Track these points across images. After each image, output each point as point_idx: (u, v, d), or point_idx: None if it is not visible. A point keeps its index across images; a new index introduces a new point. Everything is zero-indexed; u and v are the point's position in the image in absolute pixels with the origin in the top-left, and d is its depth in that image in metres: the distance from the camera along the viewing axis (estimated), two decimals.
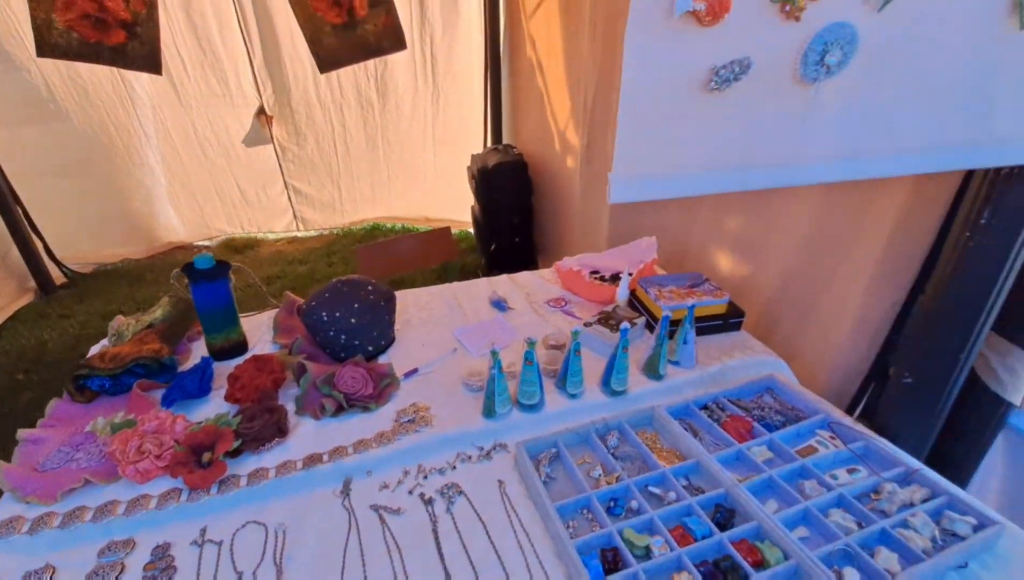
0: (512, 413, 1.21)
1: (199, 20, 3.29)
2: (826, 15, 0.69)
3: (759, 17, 0.66)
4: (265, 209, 4.15)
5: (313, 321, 1.30)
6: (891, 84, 0.78)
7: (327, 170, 4.06)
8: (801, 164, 0.80)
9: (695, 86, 0.69)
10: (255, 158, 3.87)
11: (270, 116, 3.72)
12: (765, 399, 1.30)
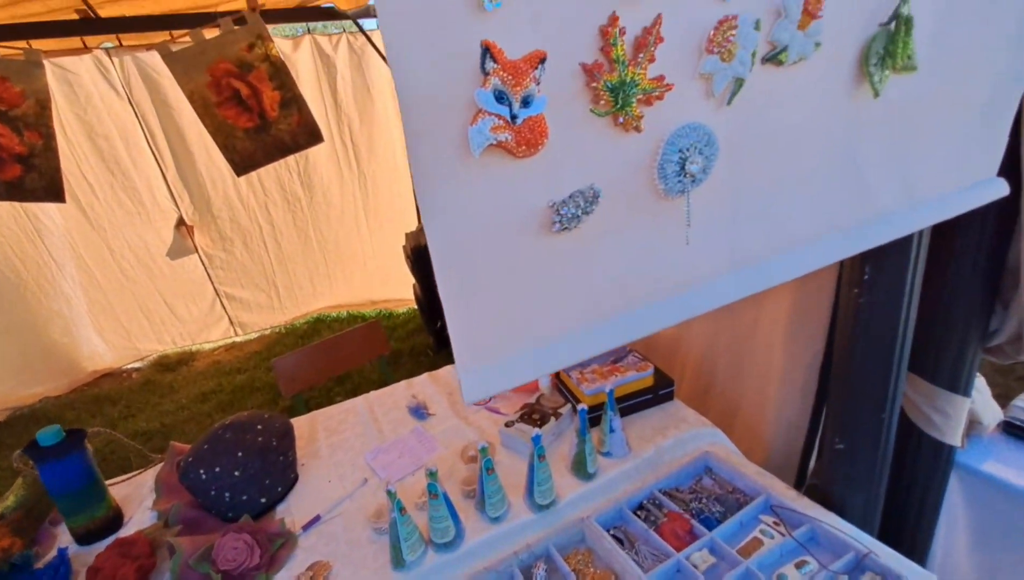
0: (426, 556, 1.07)
1: (104, 144, 3.25)
2: (671, 120, 0.60)
3: (591, 136, 0.56)
4: (198, 320, 3.97)
5: (191, 481, 1.14)
6: (767, 179, 0.72)
7: (260, 271, 3.95)
8: (694, 289, 0.71)
9: (535, 231, 0.57)
10: (180, 271, 3.73)
11: (191, 226, 3.62)
12: (704, 483, 1.20)
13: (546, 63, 0.50)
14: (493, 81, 0.48)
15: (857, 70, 0.72)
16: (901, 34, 0.70)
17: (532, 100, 0.50)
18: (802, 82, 0.68)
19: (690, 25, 0.57)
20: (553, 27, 0.50)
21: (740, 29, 0.59)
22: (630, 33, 0.53)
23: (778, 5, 0.61)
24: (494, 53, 0.47)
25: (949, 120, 0.83)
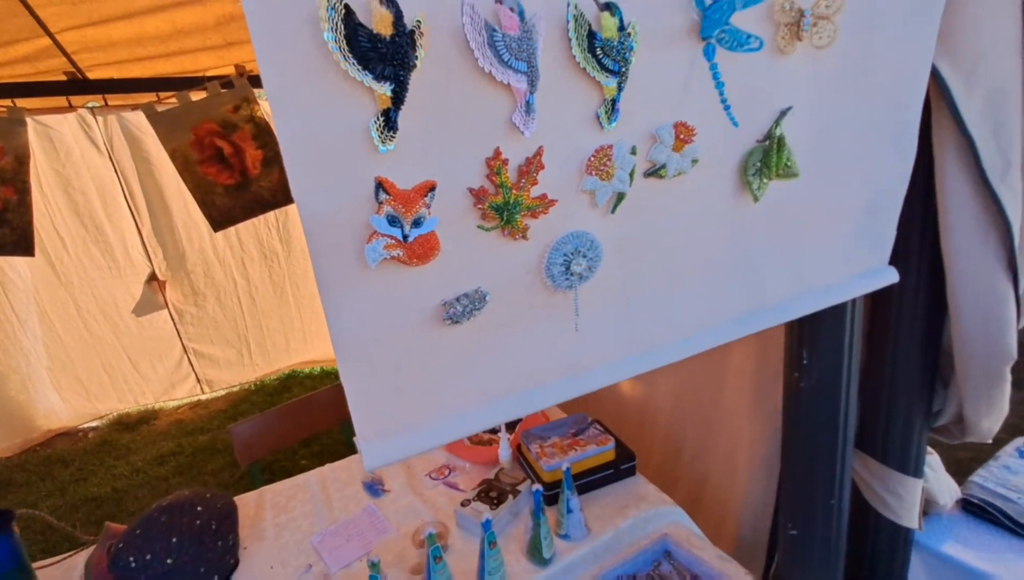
0: None
1: (80, 198, 3.36)
2: (558, 229, 0.69)
3: (481, 246, 0.65)
4: (163, 378, 3.94)
5: (120, 570, 1.14)
6: (658, 273, 0.80)
7: (232, 326, 3.98)
8: (586, 370, 0.78)
9: (429, 323, 0.65)
10: (148, 327, 3.75)
11: (162, 281, 3.68)
12: (663, 568, 1.22)
13: (436, 189, 0.60)
14: (386, 209, 0.57)
15: (737, 179, 0.83)
16: (774, 150, 0.83)
17: (423, 221, 0.59)
18: (684, 191, 0.79)
19: (571, 151, 0.68)
20: (442, 160, 0.60)
21: (616, 154, 0.70)
22: (514, 161, 0.64)
23: (652, 133, 0.73)
24: (386, 187, 0.57)
25: (835, 217, 0.94)
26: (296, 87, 0.52)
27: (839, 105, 0.88)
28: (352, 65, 0.52)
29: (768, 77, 0.81)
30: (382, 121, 0.55)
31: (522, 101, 0.61)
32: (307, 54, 0.51)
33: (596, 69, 0.65)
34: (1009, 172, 0.95)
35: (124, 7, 2.74)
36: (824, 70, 0.84)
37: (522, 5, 0.59)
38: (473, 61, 0.57)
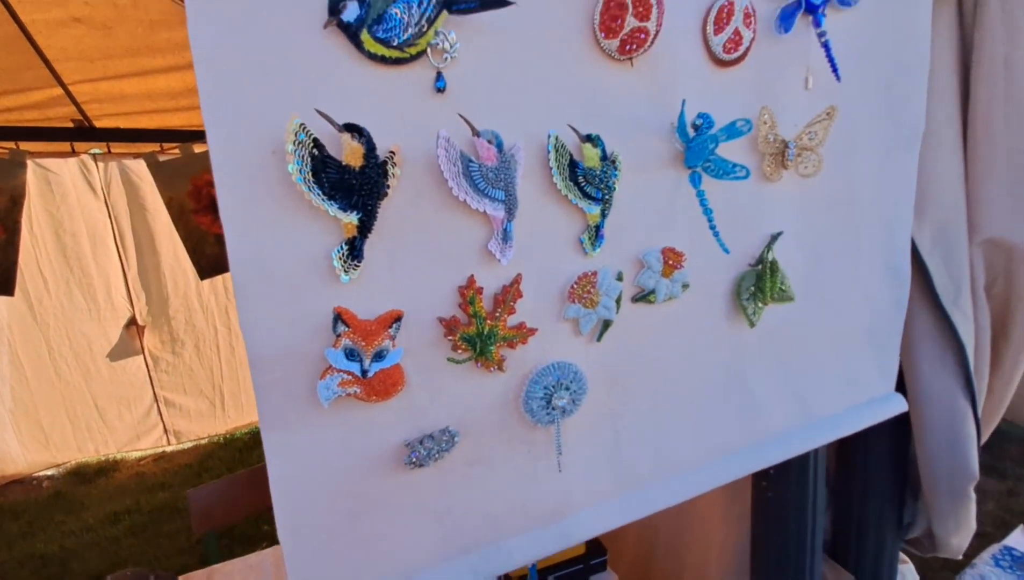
0: None
1: (70, 240, 3.32)
2: (538, 359, 0.65)
3: (451, 378, 0.60)
4: (128, 427, 3.75)
5: None
6: (650, 403, 0.75)
7: (207, 375, 3.84)
8: (572, 517, 0.71)
9: (386, 468, 0.58)
10: (120, 373, 3.61)
11: (142, 326, 3.59)
12: None
13: (402, 320, 0.56)
14: (344, 342, 0.53)
15: (731, 303, 0.80)
16: (768, 274, 0.80)
17: (386, 354, 0.55)
18: (676, 316, 0.75)
19: (552, 278, 0.65)
20: (411, 288, 0.57)
21: (601, 281, 0.67)
22: (489, 290, 0.60)
23: (640, 259, 0.70)
24: (345, 318, 0.53)
25: (835, 342, 0.91)
26: (254, 210, 0.49)
27: (830, 229, 0.86)
28: (317, 195, 0.49)
29: (757, 202, 0.80)
30: (346, 250, 0.52)
31: (499, 228, 0.58)
32: (269, 180, 0.48)
33: (578, 196, 0.63)
34: (960, 297, 0.96)
35: (139, 65, 2.82)
36: (812, 196, 0.83)
37: (500, 137, 0.57)
38: (448, 189, 0.55)
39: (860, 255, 0.89)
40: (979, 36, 0.92)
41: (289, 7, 0.48)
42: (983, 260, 1.00)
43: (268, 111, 0.48)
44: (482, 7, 0.54)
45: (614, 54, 0.64)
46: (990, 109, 0.92)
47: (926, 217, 0.96)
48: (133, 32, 2.69)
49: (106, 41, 2.70)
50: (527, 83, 0.60)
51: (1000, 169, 0.94)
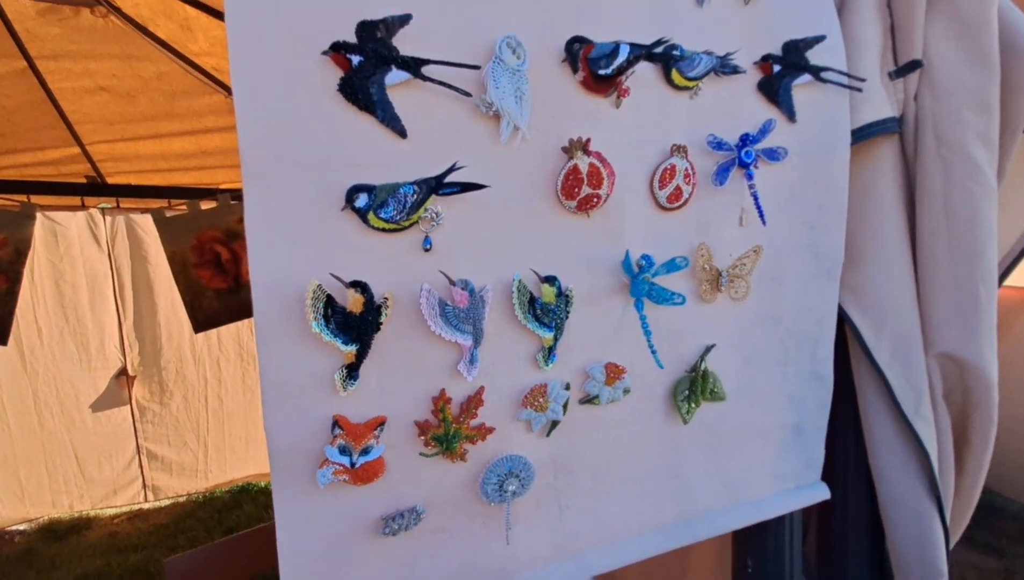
0: None
1: (69, 290, 3.54)
2: (495, 451, 0.83)
3: (422, 467, 0.79)
4: (107, 481, 3.84)
5: None
6: (591, 485, 0.94)
7: (193, 428, 3.97)
8: (518, 575, 0.88)
9: (367, 536, 0.77)
10: (104, 423, 3.74)
11: (132, 377, 3.75)
12: None
13: (386, 422, 0.74)
14: (339, 442, 0.71)
15: (668, 403, 0.98)
16: (700, 380, 0.98)
17: (371, 450, 0.73)
18: (617, 415, 0.93)
19: (510, 389, 0.84)
20: (394, 398, 0.75)
21: (551, 391, 0.85)
22: (457, 399, 0.79)
23: (586, 371, 0.89)
24: (341, 423, 0.71)
25: (763, 437, 1.08)
26: (282, 340, 0.68)
27: (759, 342, 1.05)
28: (327, 333, 0.68)
29: (694, 319, 0.99)
30: (345, 372, 0.71)
31: (467, 354, 0.78)
32: (295, 320, 0.68)
33: (536, 325, 0.82)
34: (921, 405, 1.11)
35: (156, 129, 3.13)
36: (743, 315, 1.03)
37: (472, 283, 0.77)
38: (427, 325, 0.74)
39: (787, 364, 1.08)
40: (920, 174, 1.12)
41: (314, 202, 0.69)
42: (939, 371, 1.13)
43: (298, 272, 0.68)
44: (463, 190, 0.75)
45: (573, 210, 0.86)
46: (934, 240, 1.09)
47: (884, 332, 1.11)
48: (154, 100, 3.01)
49: (128, 107, 3.02)
50: (498, 237, 0.81)
51: (947, 293, 1.09)
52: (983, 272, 1.10)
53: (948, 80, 1.11)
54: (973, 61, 1.11)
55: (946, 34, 1.11)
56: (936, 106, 1.11)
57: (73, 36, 2.51)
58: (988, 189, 1.10)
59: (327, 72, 0.70)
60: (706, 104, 0.98)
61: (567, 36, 0.84)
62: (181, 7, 2.34)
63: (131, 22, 2.52)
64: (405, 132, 0.74)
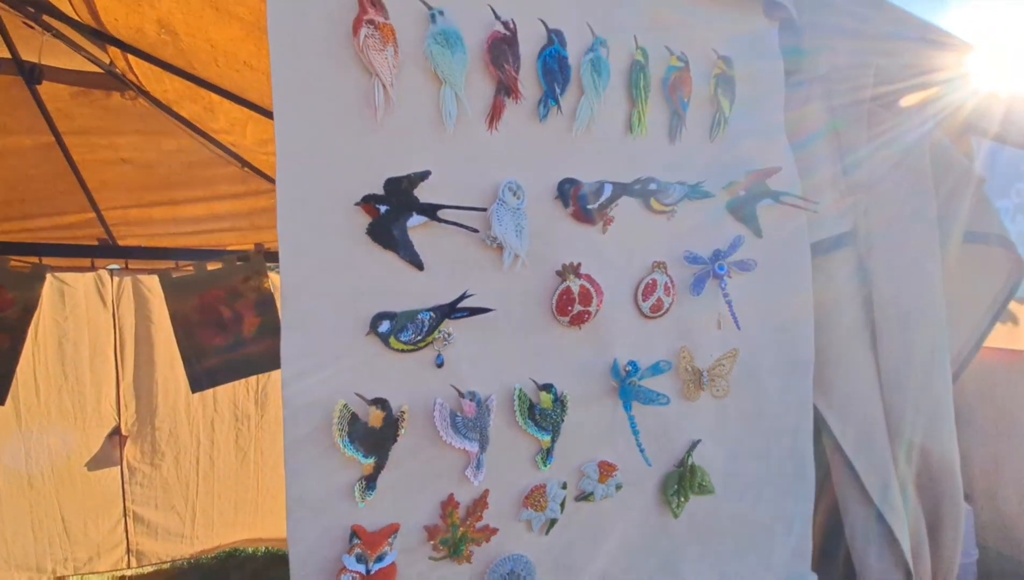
0: None
1: (71, 349, 3.60)
2: (498, 551, 0.91)
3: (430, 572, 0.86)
4: (92, 542, 3.77)
5: None
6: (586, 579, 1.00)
7: (182, 491, 3.92)
8: None
9: None
10: (94, 483, 3.71)
11: (124, 437, 3.74)
12: None
13: (399, 530, 0.82)
14: (356, 551, 0.78)
15: (658, 498, 1.06)
16: (688, 475, 1.07)
17: (385, 556, 0.80)
18: (612, 511, 1.01)
19: (512, 490, 0.92)
20: (407, 505, 0.84)
21: (550, 491, 0.94)
22: (464, 502, 0.87)
23: (581, 469, 0.98)
24: (359, 534, 0.79)
25: (752, 528, 1.16)
26: (308, 457, 0.77)
27: (742, 436, 1.15)
28: (348, 449, 0.78)
29: (680, 417, 1.09)
30: (364, 484, 0.80)
31: (474, 460, 0.87)
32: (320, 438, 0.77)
33: (535, 429, 0.92)
34: (889, 490, 1.20)
35: (170, 196, 3.30)
36: (725, 411, 1.13)
37: (479, 394, 0.87)
38: (439, 435, 0.84)
39: (769, 456, 1.17)
40: (874, 280, 1.25)
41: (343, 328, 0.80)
42: (905, 458, 1.23)
43: (326, 392, 0.78)
44: (471, 314, 0.87)
45: (566, 325, 0.97)
46: (891, 339, 1.22)
47: (849, 422, 1.22)
48: (171, 169, 3.19)
49: (145, 177, 3.20)
50: (501, 351, 0.92)
51: (907, 388, 1.21)
52: (939, 368, 1.22)
53: (891, 199, 1.26)
54: (911, 182, 1.27)
55: (886, 159, 1.28)
56: (883, 222, 1.26)
57: (102, 115, 2.70)
58: (936, 292, 1.23)
59: (358, 218, 0.83)
60: (682, 224, 1.12)
61: (559, 178, 0.98)
62: (206, 93, 2.54)
63: (158, 104, 2.72)
64: (422, 265, 0.86)
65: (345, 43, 0.83)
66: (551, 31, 0.99)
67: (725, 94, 1.18)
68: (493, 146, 0.94)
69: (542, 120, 0.98)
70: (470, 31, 0.92)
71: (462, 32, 0.90)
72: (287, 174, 0.79)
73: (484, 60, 0.93)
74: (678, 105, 1.13)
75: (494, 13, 0.94)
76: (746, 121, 1.21)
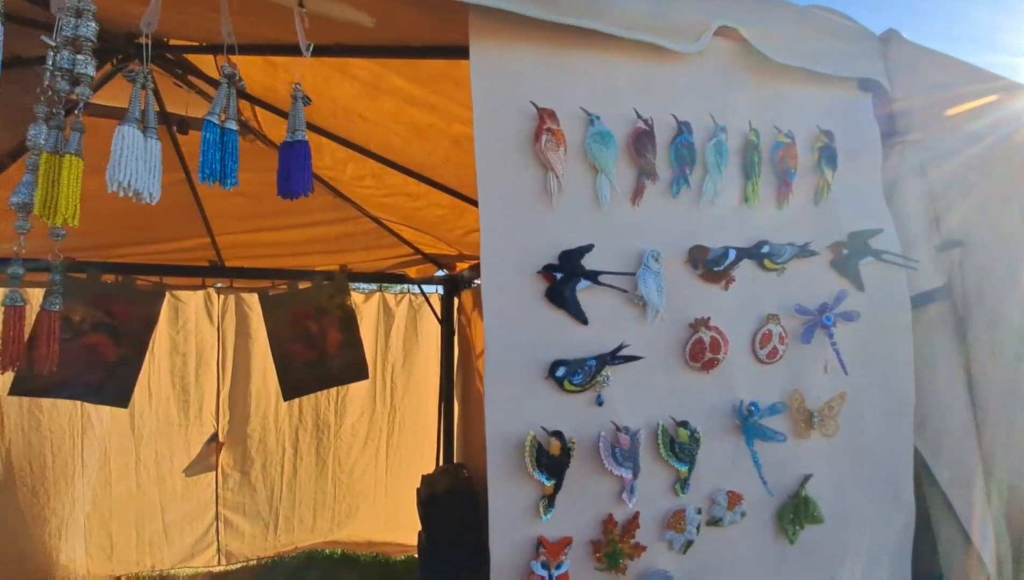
0: None
1: (179, 361, 3.99)
2: (645, 566, 1.08)
3: (588, 575, 1.04)
4: (186, 543, 4.12)
5: None
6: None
7: (267, 496, 4.24)
8: None
9: None
10: (192, 488, 4.06)
11: (221, 444, 4.09)
12: None
13: (572, 544, 1.00)
14: (541, 558, 0.97)
15: (776, 526, 1.20)
16: (802, 505, 1.20)
17: (562, 565, 0.98)
18: (737, 535, 1.17)
19: (657, 513, 1.09)
20: (577, 521, 1.02)
21: (688, 515, 1.10)
22: (620, 522, 1.04)
23: (712, 498, 1.13)
24: (543, 543, 0.98)
25: (857, 556, 1.27)
26: (506, 479, 0.96)
27: (849, 472, 1.28)
28: (536, 472, 0.96)
29: (793, 453, 1.24)
30: (546, 502, 0.98)
31: (628, 485, 1.04)
32: (513, 463, 0.97)
33: (675, 461, 1.09)
34: (983, 527, 1.29)
35: (274, 222, 3.66)
36: (834, 448, 1.27)
37: (631, 428, 1.05)
38: (600, 463, 1.02)
39: (873, 490, 1.29)
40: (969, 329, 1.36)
41: (527, 372, 1.00)
42: (998, 495, 1.33)
43: (516, 425, 0.98)
44: (626, 361, 1.05)
45: (698, 370, 1.14)
46: (986, 384, 1.33)
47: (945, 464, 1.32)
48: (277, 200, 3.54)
49: (255, 206, 3.57)
50: (645, 391, 1.10)
51: (999, 430, 1.31)
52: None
53: (984, 254, 1.37)
54: (1003, 236, 1.38)
55: (978, 215, 1.39)
56: (976, 276, 1.37)
57: None
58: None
59: (538, 284, 1.03)
60: (792, 280, 1.27)
61: (688, 244, 1.17)
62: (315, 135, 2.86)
63: (272, 145, 3.07)
64: (586, 320, 1.05)
65: (528, 146, 1.04)
66: (680, 123, 1.18)
67: (828, 163, 1.33)
68: (636, 220, 1.13)
69: (675, 197, 1.17)
70: (617, 128, 1.12)
71: (613, 131, 1.10)
72: (489, 250, 1.00)
73: (629, 150, 1.13)
74: (786, 175, 1.29)
75: (636, 113, 1.14)
76: (847, 185, 1.36)
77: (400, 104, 2.30)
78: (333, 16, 1.02)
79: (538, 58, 1.08)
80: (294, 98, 1.06)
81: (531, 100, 1.04)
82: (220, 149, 0.96)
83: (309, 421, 4.35)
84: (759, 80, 1.27)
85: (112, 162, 0.77)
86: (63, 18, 0.71)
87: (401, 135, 2.56)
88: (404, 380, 4.50)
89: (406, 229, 3.88)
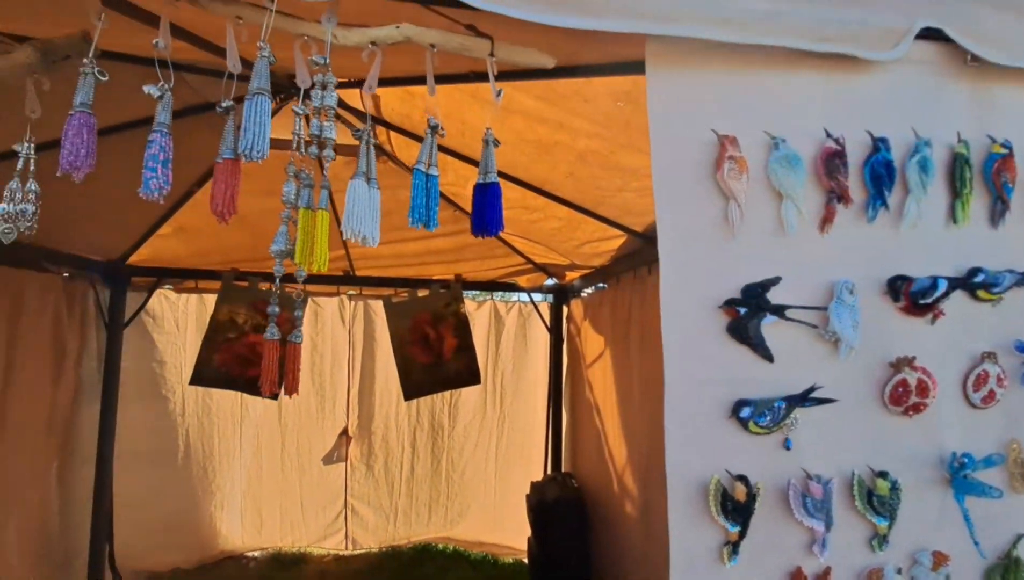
0: None
1: (318, 359, 4.40)
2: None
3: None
4: (321, 527, 4.52)
5: None
6: None
7: (388, 491, 4.53)
8: None
9: None
10: (326, 477, 4.45)
11: (350, 437, 4.44)
12: None
13: None
14: None
15: None
16: (1013, 567, 1.04)
17: None
18: None
19: (851, 570, 0.99)
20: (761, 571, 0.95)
21: (887, 574, 0.99)
22: (809, 576, 0.96)
23: (914, 557, 1.01)
24: None
25: None
26: (689, 520, 0.93)
27: None
28: (721, 517, 0.92)
29: (1006, 509, 1.07)
30: (730, 549, 0.93)
31: (820, 538, 0.96)
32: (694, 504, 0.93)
33: (873, 515, 0.98)
34: None
35: (400, 235, 3.88)
36: None
37: (823, 477, 0.96)
38: (790, 512, 0.95)
39: None
40: None
41: (708, 410, 0.95)
42: None
43: (697, 466, 0.94)
44: (818, 403, 0.97)
45: (898, 414, 1.02)
46: None
47: None
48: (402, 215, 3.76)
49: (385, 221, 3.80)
50: (836, 436, 1.00)
51: None
52: None
53: None
54: None
55: None
56: None
57: None
58: None
59: (720, 319, 0.98)
60: (1010, 312, 1.10)
61: (885, 273, 1.05)
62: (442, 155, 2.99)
63: (404, 167, 3.26)
64: (772, 357, 0.98)
65: (708, 175, 1.00)
66: (876, 140, 1.06)
67: None
68: (827, 248, 1.04)
69: (871, 221, 1.06)
70: (803, 149, 1.04)
71: (800, 153, 1.02)
72: (668, 284, 0.97)
73: (817, 173, 1.04)
74: (1002, 191, 1.12)
75: (827, 133, 1.05)
76: None
77: (530, 123, 2.33)
78: (518, 62, 1.05)
79: (716, 80, 1.03)
80: (485, 142, 1.10)
81: (712, 128, 1.00)
82: (426, 194, 1.03)
83: (425, 422, 4.58)
84: (969, 85, 1.11)
85: (346, 214, 0.87)
86: (313, 91, 0.81)
87: (527, 153, 2.60)
88: (513, 386, 4.59)
89: (518, 240, 3.95)
